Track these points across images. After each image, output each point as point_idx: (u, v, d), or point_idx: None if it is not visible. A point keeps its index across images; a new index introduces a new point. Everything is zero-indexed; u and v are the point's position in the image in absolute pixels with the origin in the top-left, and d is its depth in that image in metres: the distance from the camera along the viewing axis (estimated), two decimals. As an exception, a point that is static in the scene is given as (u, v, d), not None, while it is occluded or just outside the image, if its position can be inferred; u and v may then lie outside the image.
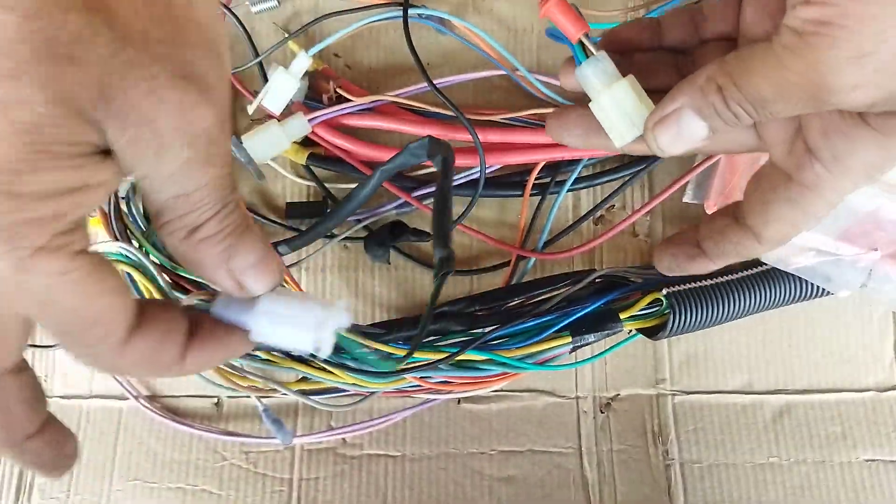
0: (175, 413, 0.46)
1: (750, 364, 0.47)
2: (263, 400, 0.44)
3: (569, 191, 0.47)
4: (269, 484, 0.45)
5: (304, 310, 0.23)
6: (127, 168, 0.19)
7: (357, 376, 0.39)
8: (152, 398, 0.47)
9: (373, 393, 0.42)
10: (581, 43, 0.27)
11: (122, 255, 0.40)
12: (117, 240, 0.40)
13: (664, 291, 0.41)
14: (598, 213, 0.48)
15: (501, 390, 0.46)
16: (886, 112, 0.22)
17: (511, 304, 0.43)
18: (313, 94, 0.48)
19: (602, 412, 0.47)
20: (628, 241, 0.48)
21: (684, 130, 0.24)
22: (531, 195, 0.47)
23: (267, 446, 0.46)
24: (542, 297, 0.42)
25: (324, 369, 0.39)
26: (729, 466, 0.45)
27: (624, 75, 0.26)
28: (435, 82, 0.44)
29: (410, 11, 0.47)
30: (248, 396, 0.46)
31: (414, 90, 0.47)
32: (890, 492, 0.45)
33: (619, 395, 0.47)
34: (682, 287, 0.41)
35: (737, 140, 0.28)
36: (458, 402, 0.46)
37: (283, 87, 0.45)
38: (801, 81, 0.21)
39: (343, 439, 0.46)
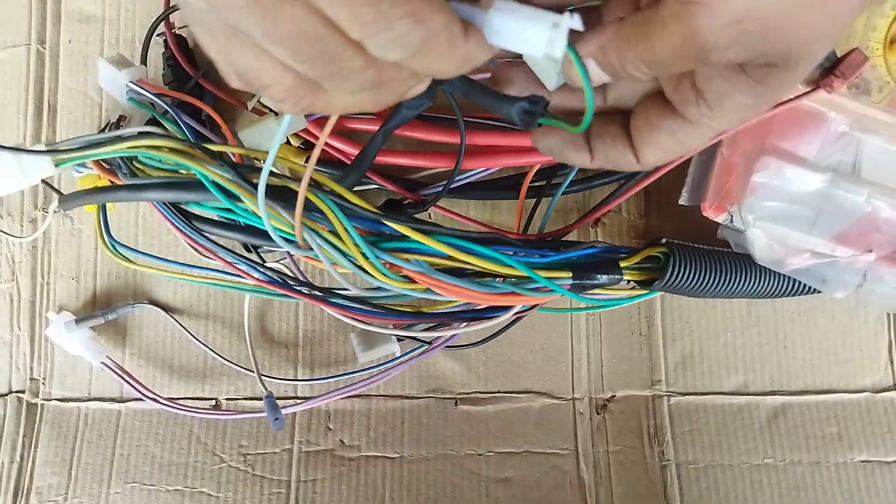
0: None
1: (745, 365, 0.47)
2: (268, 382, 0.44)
3: (563, 193, 0.47)
4: (268, 486, 0.45)
5: (538, 10, 0.24)
6: None
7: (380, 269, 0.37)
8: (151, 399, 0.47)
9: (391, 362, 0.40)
10: None
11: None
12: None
13: (663, 240, 0.41)
14: (597, 216, 0.48)
15: (498, 391, 0.46)
16: (760, 64, 0.25)
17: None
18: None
19: (598, 413, 0.47)
20: (627, 243, 0.48)
21: (591, 73, 0.27)
22: (526, 198, 0.47)
23: (265, 448, 0.46)
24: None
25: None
26: (725, 467, 0.46)
27: None
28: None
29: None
30: (247, 398, 0.46)
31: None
32: (885, 493, 0.45)
33: (615, 396, 0.47)
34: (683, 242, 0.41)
35: (638, 86, 0.30)
36: (456, 403, 0.46)
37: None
38: (684, 44, 0.24)
39: (341, 441, 0.46)
